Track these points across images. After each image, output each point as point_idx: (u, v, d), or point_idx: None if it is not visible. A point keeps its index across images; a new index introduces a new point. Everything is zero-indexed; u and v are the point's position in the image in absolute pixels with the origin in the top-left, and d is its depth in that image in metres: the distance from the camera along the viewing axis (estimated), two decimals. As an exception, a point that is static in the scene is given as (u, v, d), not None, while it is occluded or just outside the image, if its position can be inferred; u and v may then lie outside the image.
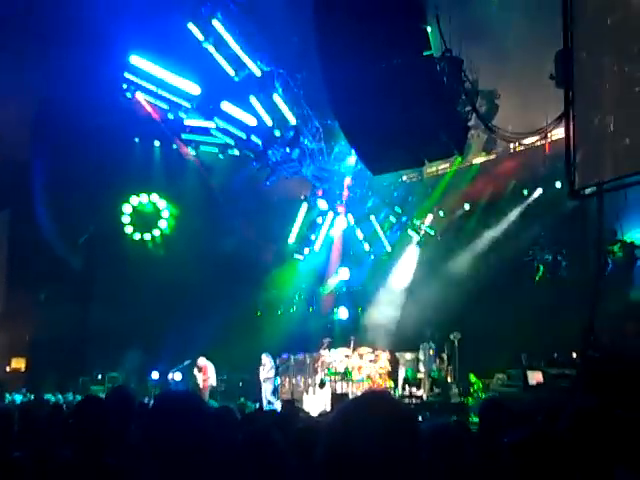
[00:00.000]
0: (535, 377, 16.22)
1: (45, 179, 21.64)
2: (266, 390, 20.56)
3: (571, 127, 13.50)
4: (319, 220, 24.38)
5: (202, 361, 20.83)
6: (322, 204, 23.86)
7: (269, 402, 19.94)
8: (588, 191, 13.53)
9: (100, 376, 21.23)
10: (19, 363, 23.27)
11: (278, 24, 19.05)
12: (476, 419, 10.72)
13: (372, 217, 24.36)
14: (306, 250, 24.53)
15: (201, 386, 20.74)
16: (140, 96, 20.85)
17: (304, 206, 24.32)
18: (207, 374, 20.83)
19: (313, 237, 24.50)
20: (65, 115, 19.99)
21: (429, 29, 14.56)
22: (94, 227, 22.54)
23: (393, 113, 14.46)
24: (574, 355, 15.87)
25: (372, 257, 25.02)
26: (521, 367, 17.21)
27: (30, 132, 21.00)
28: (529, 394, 15.27)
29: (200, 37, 19.04)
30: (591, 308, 13.76)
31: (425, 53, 14.25)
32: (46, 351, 21.54)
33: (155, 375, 21.84)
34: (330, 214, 24.12)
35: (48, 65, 18.25)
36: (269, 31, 19.52)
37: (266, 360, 20.75)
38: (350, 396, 18.67)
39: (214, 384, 20.96)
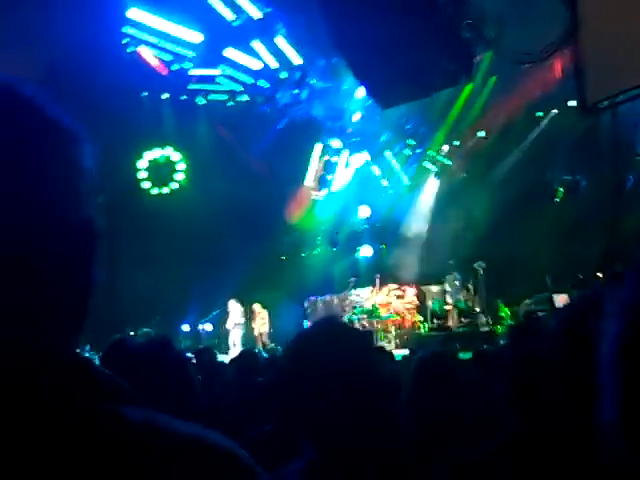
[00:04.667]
0: (561, 299, 16.17)
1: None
2: (234, 337, 20.24)
3: (580, 41, 13.19)
4: (334, 159, 24.18)
5: (257, 307, 20.99)
6: (336, 143, 23.65)
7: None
8: (601, 105, 13.27)
9: (132, 333, 21.41)
10: (52, 325, 23.50)
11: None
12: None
13: (387, 152, 24.12)
14: (324, 190, 24.40)
15: (257, 333, 20.89)
16: (143, 50, 20.60)
17: (318, 146, 24.09)
18: (264, 319, 21.04)
19: (330, 177, 24.35)
20: (70, 76, 19.72)
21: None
22: (112, 186, 22.49)
23: (397, 43, 14.18)
24: (599, 274, 15.76)
25: (391, 192, 24.85)
26: (547, 290, 17.19)
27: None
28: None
29: (195, -17, 18.69)
30: (612, 226, 13.64)
31: (427, -21, 13.89)
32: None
33: (186, 327, 22.01)
34: (345, 152, 23.91)
35: (47, 28, 18.02)
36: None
37: (235, 306, 20.49)
38: (375, 333, 18.86)
39: (267, 330, 21.08)
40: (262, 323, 20.86)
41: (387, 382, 2.13)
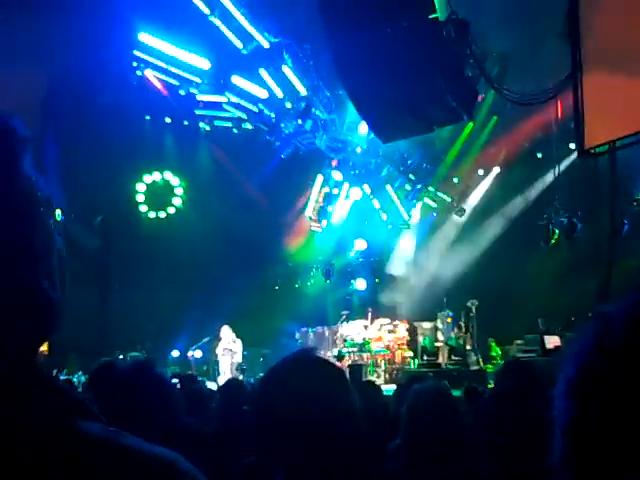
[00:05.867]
0: (552, 341, 16.13)
1: (58, 160, 21.66)
2: (224, 364, 19.94)
3: (579, 85, 13.24)
4: (335, 191, 24.25)
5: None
6: (337, 175, 23.70)
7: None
8: (599, 150, 13.28)
9: (121, 356, 21.25)
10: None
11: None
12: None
13: (388, 186, 24.20)
14: (324, 222, 24.45)
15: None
16: (149, 73, 20.74)
17: (319, 178, 24.20)
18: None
19: (330, 209, 24.40)
20: (76, 95, 19.93)
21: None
22: (109, 207, 22.55)
23: (400, 79, 14.27)
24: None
25: (390, 227, 24.89)
26: (539, 332, 17.14)
27: (41, 113, 20.96)
28: (547, 358, 15.14)
29: (206, 11, 18.81)
30: (607, 270, 13.57)
31: (430, 16, 13.97)
32: (67, 333, 21.40)
33: (175, 353, 21.90)
34: (346, 185, 23.98)
35: (58, 44, 18.16)
36: (275, 2, 19.30)
37: (227, 332, 20.12)
38: (364, 367, 18.78)
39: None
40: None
41: (361, 419, 2.10)
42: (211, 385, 13.61)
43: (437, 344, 19.67)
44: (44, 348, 23.48)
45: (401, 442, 3.68)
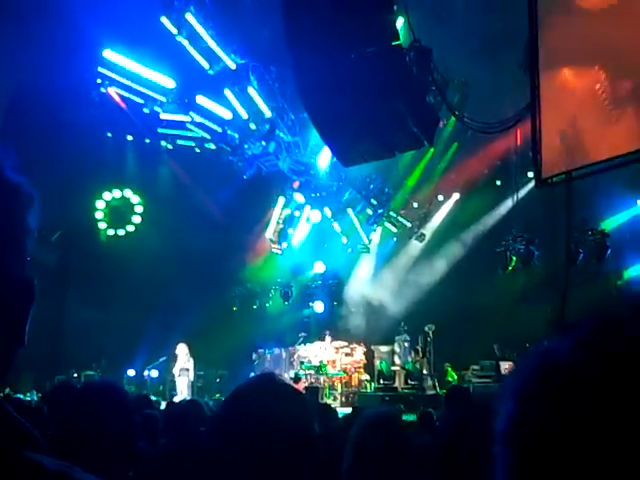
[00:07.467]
0: (508, 367, 16.26)
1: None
2: (181, 384, 19.66)
3: (538, 115, 13.46)
4: (296, 213, 24.28)
5: None
6: (299, 197, 23.74)
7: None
8: (556, 179, 13.49)
9: (76, 375, 20.98)
10: (-7, 363, 22.92)
11: (251, 17, 18.92)
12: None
13: (349, 210, 24.27)
14: (284, 244, 24.44)
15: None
16: (112, 90, 20.64)
17: (281, 200, 24.20)
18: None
19: (290, 231, 24.41)
20: (37, 110, 19.69)
21: (400, 20, 14.55)
22: (68, 223, 22.30)
23: (363, 104, 14.36)
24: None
25: (349, 250, 24.93)
26: (494, 358, 17.31)
27: (1, 124, 20.74)
28: (501, 384, 15.24)
29: (174, 31, 18.81)
30: (562, 297, 13.74)
31: (393, 43, 14.13)
32: (21, 350, 21.16)
33: (131, 372, 21.66)
34: (307, 207, 24.01)
35: (19, 60, 18.01)
36: (243, 24, 19.35)
37: (183, 351, 19.85)
38: (321, 389, 18.77)
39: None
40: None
41: (319, 445, 2.10)
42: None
43: (394, 368, 19.77)
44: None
45: (346, 467, 3.68)
